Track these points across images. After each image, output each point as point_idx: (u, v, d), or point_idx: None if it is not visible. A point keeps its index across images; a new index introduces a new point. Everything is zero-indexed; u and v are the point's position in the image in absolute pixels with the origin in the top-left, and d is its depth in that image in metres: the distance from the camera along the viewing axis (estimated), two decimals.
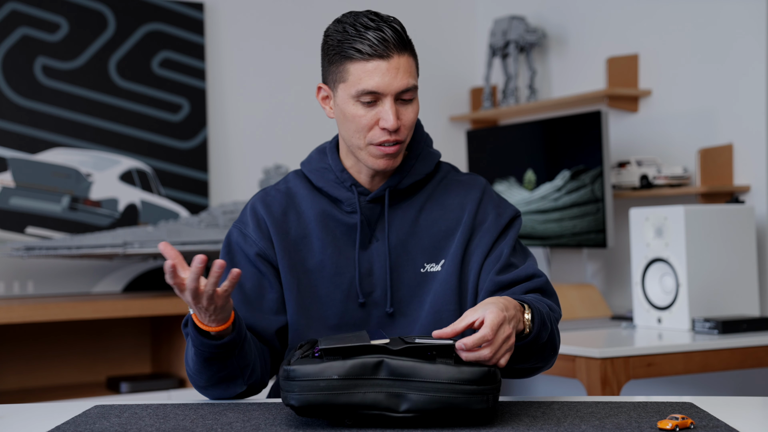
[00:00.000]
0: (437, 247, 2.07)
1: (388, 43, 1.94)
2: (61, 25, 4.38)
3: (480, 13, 5.20)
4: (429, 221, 2.09)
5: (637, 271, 3.61)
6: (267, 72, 4.81)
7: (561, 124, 4.24)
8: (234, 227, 2.12)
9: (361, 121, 1.98)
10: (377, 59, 1.95)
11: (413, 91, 1.99)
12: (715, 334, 3.33)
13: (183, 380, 4.13)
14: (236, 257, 2.08)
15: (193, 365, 1.91)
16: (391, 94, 1.96)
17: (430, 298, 2.04)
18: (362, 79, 1.96)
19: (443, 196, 2.11)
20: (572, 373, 3.20)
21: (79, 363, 4.36)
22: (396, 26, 1.97)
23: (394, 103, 1.97)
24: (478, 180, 2.16)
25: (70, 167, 4.36)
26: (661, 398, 1.87)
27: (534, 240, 4.36)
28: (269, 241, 2.06)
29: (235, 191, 4.71)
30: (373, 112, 1.98)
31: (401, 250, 2.06)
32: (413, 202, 2.10)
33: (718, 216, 3.51)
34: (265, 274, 2.06)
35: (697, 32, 4.03)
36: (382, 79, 1.95)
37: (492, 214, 2.09)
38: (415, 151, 2.12)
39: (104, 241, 4.11)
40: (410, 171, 2.09)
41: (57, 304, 3.89)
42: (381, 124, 1.97)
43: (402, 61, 1.96)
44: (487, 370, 1.64)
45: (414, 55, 2.01)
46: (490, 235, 2.07)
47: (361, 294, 2.04)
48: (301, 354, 1.73)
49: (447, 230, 2.08)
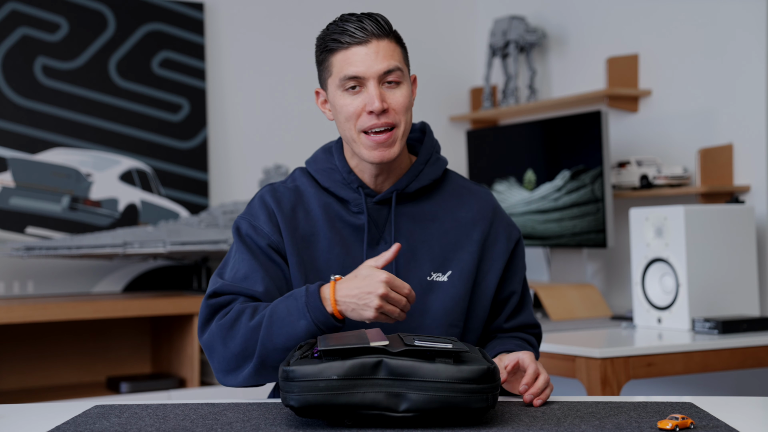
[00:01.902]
0: (446, 258, 2.07)
1: (366, 30, 1.98)
2: (61, 25, 4.38)
3: (480, 13, 5.20)
4: (441, 231, 2.09)
5: (637, 271, 3.61)
6: (267, 72, 4.81)
7: (561, 124, 4.24)
8: (242, 219, 2.08)
9: (348, 109, 2.00)
10: (356, 46, 1.98)
11: (397, 72, 2.00)
12: (715, 334, 3.33)
13: (183, 380, 4.13)
14: (251, 248, 2.05)
15: (289, 342, 1.88)
16: (373, 77, 1.98)
17: (435, 307, 2.04)
18: (344, 67, 1.99)
19: (457, 207, 2.13)
20: (572, 373, 3.20)
21: (79, 363, 4.36)
22: (378, 18, 2.01)
23: (378, 86, 1.98)
24: (489, 194, 2.19)
25: (70, 167, 4.36)
26: (661, 398, 1.87)
27: (534, 240, 4.36)
28: (280, 234, 2.04)
29: (235, 191, 4.70)
30: (359, 99, 1.99)
31: (410, 255, 2.06)
32: (423, 208, 2.10)
33: (718, 216, 3.51)
34: (279, 264, 2.04)
35: (697, 32, 4.03)
36: (363, 62, 1.98)
37: (503, 236, 2.14)
38: (424, 156, 2.13)
39: (104, 241, 4.11)
40: (419, 175, 2.10)
41: (57, 304, 3.89)
42: (366, 108, 1.99)
43: (382, 45, 1.99)
44: (486, 368, 1.64)
45: (400, 43, 2.04)
46: (501, 260, 2.13)
47: None
48: (300, 354, 1.73)
49: (457, 243, 2.09)
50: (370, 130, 2.00)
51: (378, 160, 2.02)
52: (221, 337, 1.95)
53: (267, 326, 1.90)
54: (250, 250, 2.05)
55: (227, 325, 1.95)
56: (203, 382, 4.19)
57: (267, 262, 2.03)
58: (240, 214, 2.12)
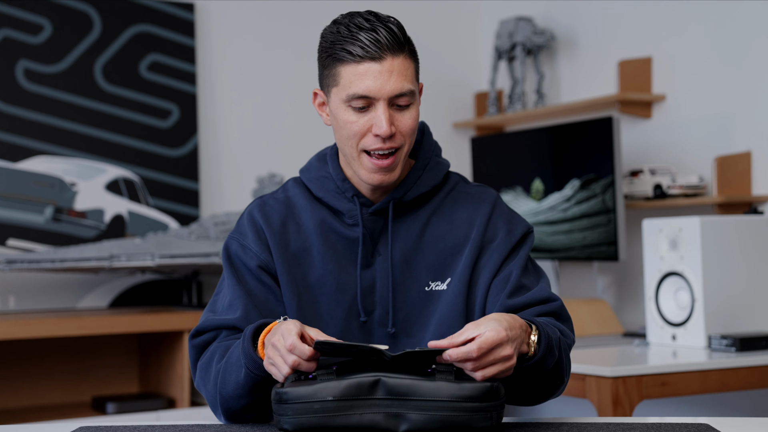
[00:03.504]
0: (443, 264, 2.04)
1: (381, 44, 1.92)
2: (44, 27, 4.39)
3: (485, 14, 5.21)
4: (435, 237, 2.06)
5: (650, 285, 3.61)
6: (261, 75, 4.81)
7: (570, 130, 4.24)
8: (231, 239, 2.08)
9: (353, 128, 1.96)
10: (369, 61, 1.93)
11: (409, 96, 1.96)
12: (733, 351, 3.33)
13: (172, 400, 4.13)
14: (240, 271, 2.05)
15: (237, 390, 1.87)
16: (384, 98, 1.94)
17: (436, 319, 2.02)
18: (353, 83, 1.94)
19: (451, 209, 2.09)
20: (582, 392, 3.20)
21: (63, 382, 4.36)
22: (392, 27, 1.95)
23: (387, 108, 1.94)
24: (489, 192, 2.13)
25: (53, 176, 4.36)
26: (676, 419, 1.87)
27: (542, 253, 4.36)
28: (269, 252, 2.04)
29: (228, 201, 4.71)
30: (365, 118, 1.96)
31: (405, 266, 2.04)
32: (419, 215, 2.07)
33: (735, 227, 3.51)
34: (270, 287, 2.03)
35: (713, 34, 4.04)
36: (374, 82, 1.93)
37: (502, 230, 2.07)
38: (422, 161, 2.10)
39: (89, 254, 4.12)
40: (416, 182, 2.07)
41: (40, 321, 3.89)
42: (374, 131, 1.95)
43: (396, 64, 1.94)
44: (489, 386, 1.63)
45: (414, 57, 1.99)
46: (499, 254, 2.04)
47: (362, 312, 2.02)
48: (294, 376, 1.73)
49: (454, 247, 2.05)
50: (374, 152, 1.98)
51: (378, 183, 2.00)
52: (201, 379, 1.97)
53: (222, 373, 1.91)
54: (236, 274, 2.05)
55: (204, 366, 1.97)
56: (193, 402, 4.18)
57: (256, 285, 2.03)
58: (230, 233, 2.11)
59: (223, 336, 1.99)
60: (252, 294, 2.01)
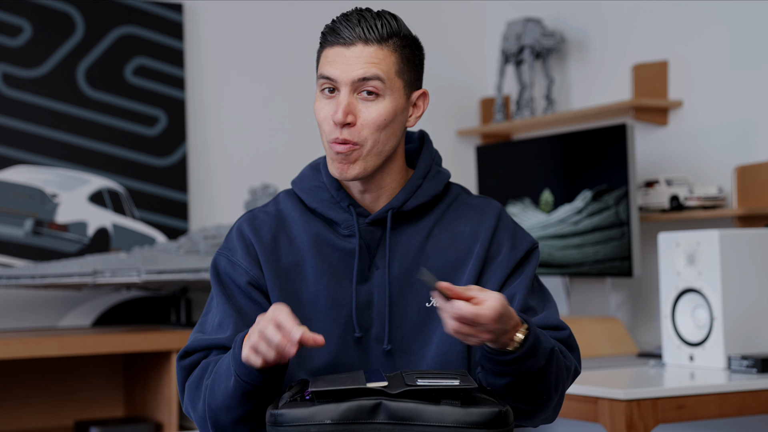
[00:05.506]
0: (445, 279, 2.03)
1: (355, 32, 1.99)
2: (23, 29, 4.41)
3: (491, 15, 5.22)
4: (437, 250, 2.07)
5: (666, 302, 3.62)
6: (254, 80, 4.82)
7: (581, 138, 4.26)
8: (220, 255, 2.10)
9: (319, 114, 2.03)
10: (339, 46, 2.00)
11: (376, 83, 1.99)
12: (754, 373, 3.33)
13: (160, 425, 4.14)
14: (229, 289, 2.06)
15: (226, 400, 1.88)
16: (347, 83, 1.98)
17: (437, 337, 2.02)
18: (322, 65, 2.02)
19: (454, 222, 2.10)
20: (594, 416, 3.21)
21: (44, 405, 4.36)
22: (378, 19, 2.01)
23: (350, 95, 1.99)
24: (493, 205, 2.14)
25: (33, 187, 4.37)
26: None
27: (552, 268, 4.37)
28: (259, 268, 2.05)
29: (218, 214, 4.71)
30: (331, 104, 2.01)
31: (405, 281, 2.05)
32: (419, 226, 2.08)
33: (757, 241, 3.52)
34: (261, 304, 2.04)
35: (733, 36, 4.05)
36: (340, 64, 1.99)
37: (506, 245, 2.08)
38: (422, 169, 2.11)
39: (72, 269, 4.12)
40: (416, 191, 2.08)
41: (19, 340, 3.89)
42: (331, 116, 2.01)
43: (367, 52, 1.99)
44: (497, 411, 1.64)
45: (400, 53, 2.02)
46: (503, 270, 2.06)
47: (358, 328, 2.02)
48: (289, 396, 1.73)
49: (456, 261, 2.06)
50: (331, 142, 2.01)
51: (337, 175, 2.02)
52: (190, 400, 1.98)
53: (211, 385, 1.92)
54: (226, 291, 2.06)
55: (194, 384, 1.98)
56: (182, 427, 4.19)
57: (246, 303, 2.04)
58: (219, 248, 2.13)
59: (213, 356, 2.00)
60: (242, 312, 2.03)
